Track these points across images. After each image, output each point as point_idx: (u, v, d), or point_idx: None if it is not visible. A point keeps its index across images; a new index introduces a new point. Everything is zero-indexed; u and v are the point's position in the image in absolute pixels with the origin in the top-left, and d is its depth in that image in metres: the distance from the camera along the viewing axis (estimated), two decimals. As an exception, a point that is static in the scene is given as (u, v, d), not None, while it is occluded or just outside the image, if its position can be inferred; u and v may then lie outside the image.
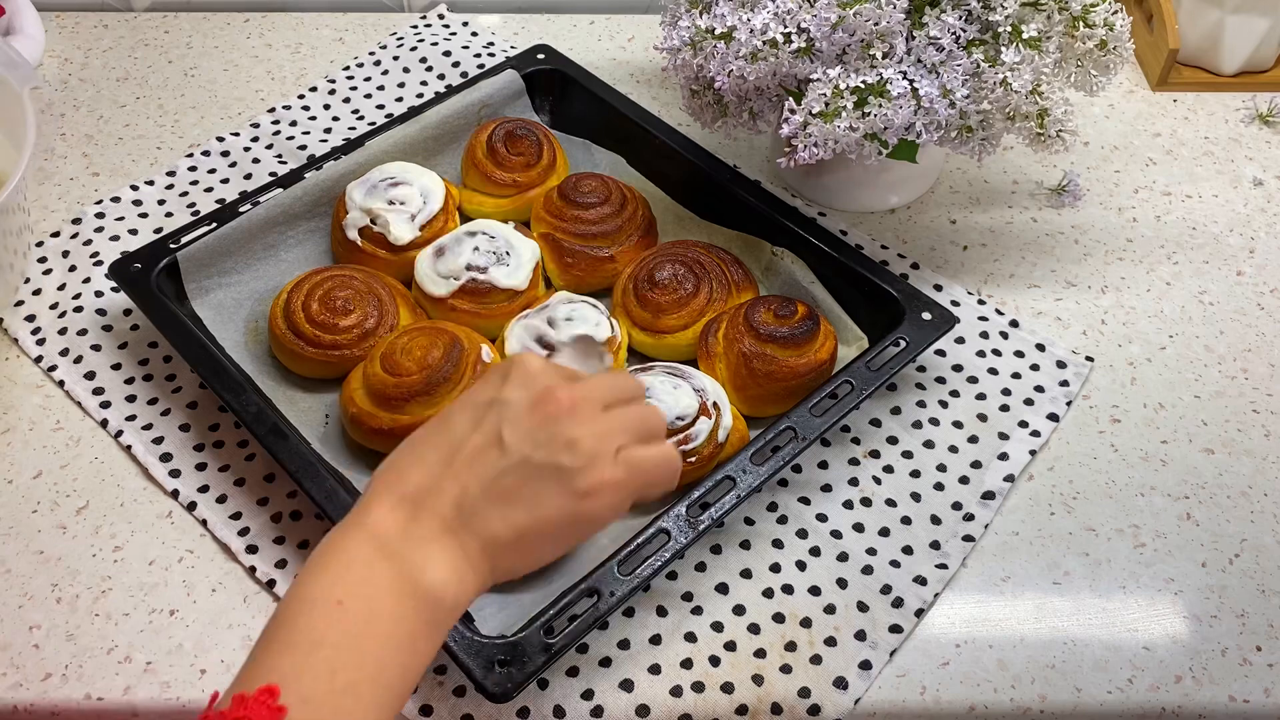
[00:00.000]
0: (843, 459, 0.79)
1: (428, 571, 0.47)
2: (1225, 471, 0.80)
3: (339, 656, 0.44)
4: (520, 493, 0.49)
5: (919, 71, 0.77)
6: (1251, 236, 0.97)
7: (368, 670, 0.44)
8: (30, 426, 0.81)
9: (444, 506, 0.48)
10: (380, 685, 0.45)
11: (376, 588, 0.46)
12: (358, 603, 0.45)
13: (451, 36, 1.14)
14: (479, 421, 0.50)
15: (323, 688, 0.43)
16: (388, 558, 0.46)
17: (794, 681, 0.68)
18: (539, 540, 0.50)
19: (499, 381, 0.52)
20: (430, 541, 0.47)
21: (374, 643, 0.45)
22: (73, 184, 0.98)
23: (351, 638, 0.44)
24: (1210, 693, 0.69)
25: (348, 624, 0.45)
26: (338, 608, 0.45)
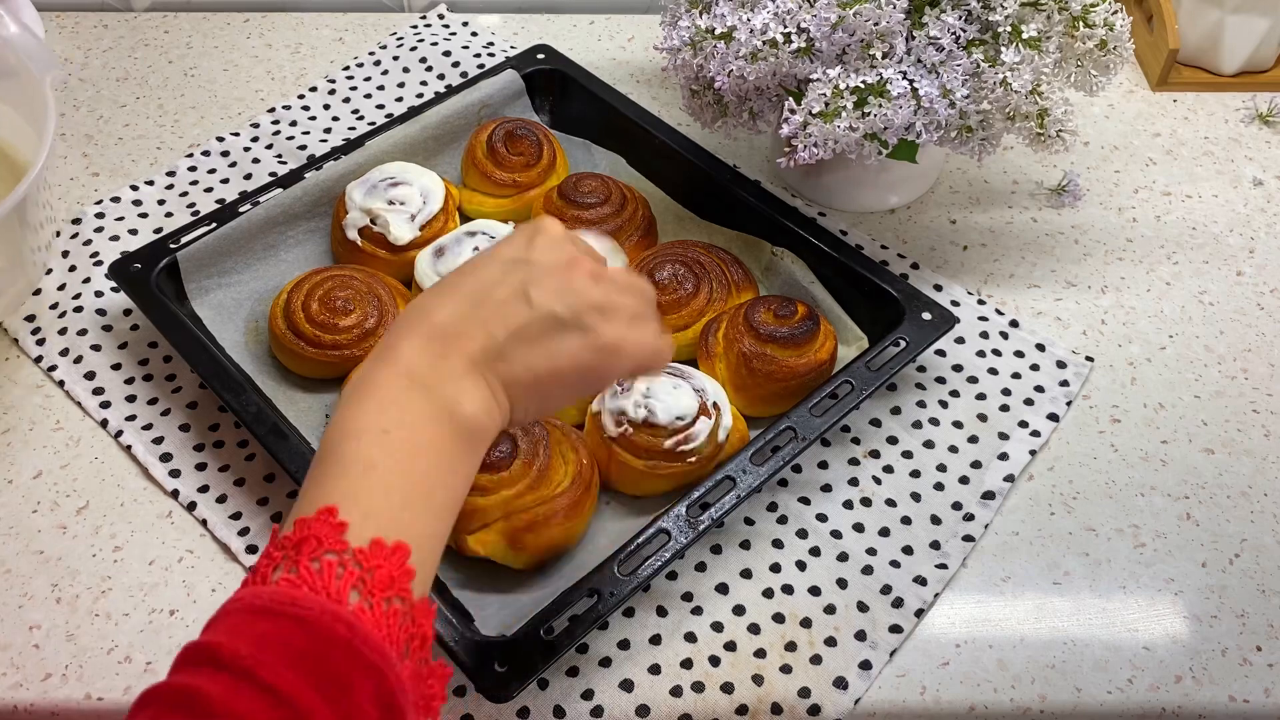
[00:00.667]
0: (843, 459, 0.79)
1: (461, 404, 0.49)
2: (1225, 471, 0.80)
3: (391, 478, 0.46)
4: (543, 342, 0.52)
5: (919, 71, 0.77)
6: (1251, 236, 0.97)
7: (419, 490, 0.47)
8: (30, 426, 0.81)
9: (472, 347, 0.50)
10: (432, 503, 0.47)
11: (417, 417, 0.48)
12: (402, 430, 0.47)
13: (451, 36, 1.14)
14: (507, 275, 0.53)
15: (380, 504, 0.45)
16: (423, 391, 0.49)
17: (794, 681, 0.68)
18: (555, 388, 0.53)
19: (525, 242, 0.54)
20: (461, 377, 0.50)
21: (422, 464, 0.47)
22: (73, 184, 0.98)
23: (401, 461, 0.47)
24: (1210, 693, 0.69)
25: (395, 449, 0.47)
26: (384, 436, 0.47)
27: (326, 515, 0.44)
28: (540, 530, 0.69)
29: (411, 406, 0.48)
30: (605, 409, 0.75)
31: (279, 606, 0.41)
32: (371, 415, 0.48)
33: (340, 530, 0.43)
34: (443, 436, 0.49)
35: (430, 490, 0.47)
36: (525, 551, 0.69)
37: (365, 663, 0.41)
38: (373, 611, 0.42)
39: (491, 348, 0.51)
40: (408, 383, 0.49)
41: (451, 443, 0.49)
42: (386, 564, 0.43)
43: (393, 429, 0.47)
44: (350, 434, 0.47)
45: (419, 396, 0.49)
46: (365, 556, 0.43)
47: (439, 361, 0.50)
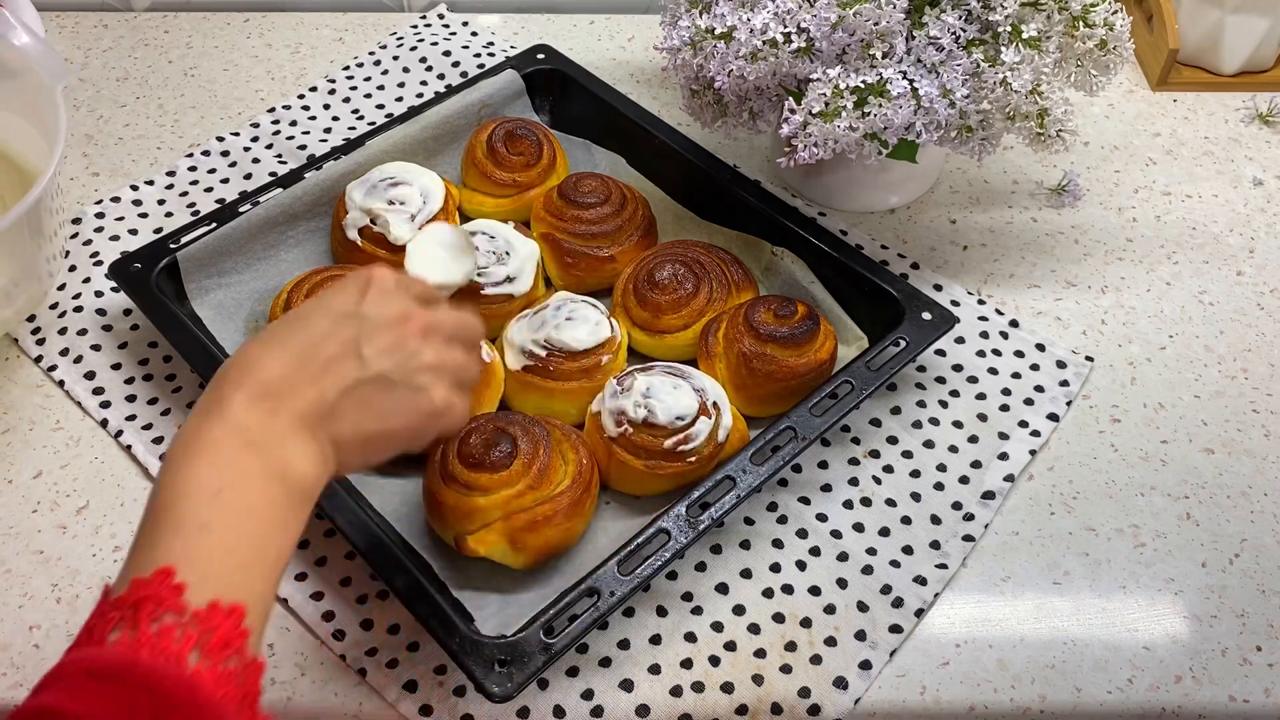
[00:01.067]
0: (843, 459, 0.79)
1: (292, 464, 0.50)
2: (1225, 471, 0.80)
3: (227, 540, 0.47)
4: (373, 404, 0.53)
5: (919, 71, 0.77)
6: (1251, 236, 0.97)
7: (253, 550, 0.48)
8: (30, 426, 0.81)
9: (301, 405, 0.51)
10: (265, 563, 0.48)
11: (249, 477, 0.49)
12: (235, 491, 0.48)
13: (451, 36, 1.14)
14: (337, 329, 0.53)
15: (216, 566, 0.46)
16: (254, 450, 0.49)
17: (794, 681, 0.68)
18: (381, 444, 0.55)
19: (357, 295, 0.55)
20: (291, 437, 0.50)
21: (255, 525, 0.48)
22: (73, 184, 0.98)
23: (235, 522, 0.47)
24: (1210, 693, 0.69)
25: (229, 510, 0.47)
26: (218, 496, 0.47)
27: (164, 577, 0.44)
28: (540, 530, 0.69)
29: (244, 467, 0.49)
30: (605, 409, 0.75)
31: (122, 671, 0.41)
32: (204, 474, 0.48)
33: (179, 592, 0.44)
34: (274, 496, 0.49)
35: (264, 550, 0.48)
36: (525, 551, 0.69)
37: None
38: (211, 672, 0.43)
39: (322, 407, 0.51)
40: (239, 442, 0.49)
41: (283, 501, 0.50)
42: (224, 625, 0.44)
43: (225, 489, 0.48)
44: (184, 493, 0.47)
45: (251, 456, 0.49)
46: (204, 618, 0.44)
47: (269, 419, 0.50)
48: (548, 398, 0.78)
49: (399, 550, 0.68)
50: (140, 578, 0.44)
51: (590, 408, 0.77)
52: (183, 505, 0.47)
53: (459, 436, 0.71)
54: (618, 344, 0.81)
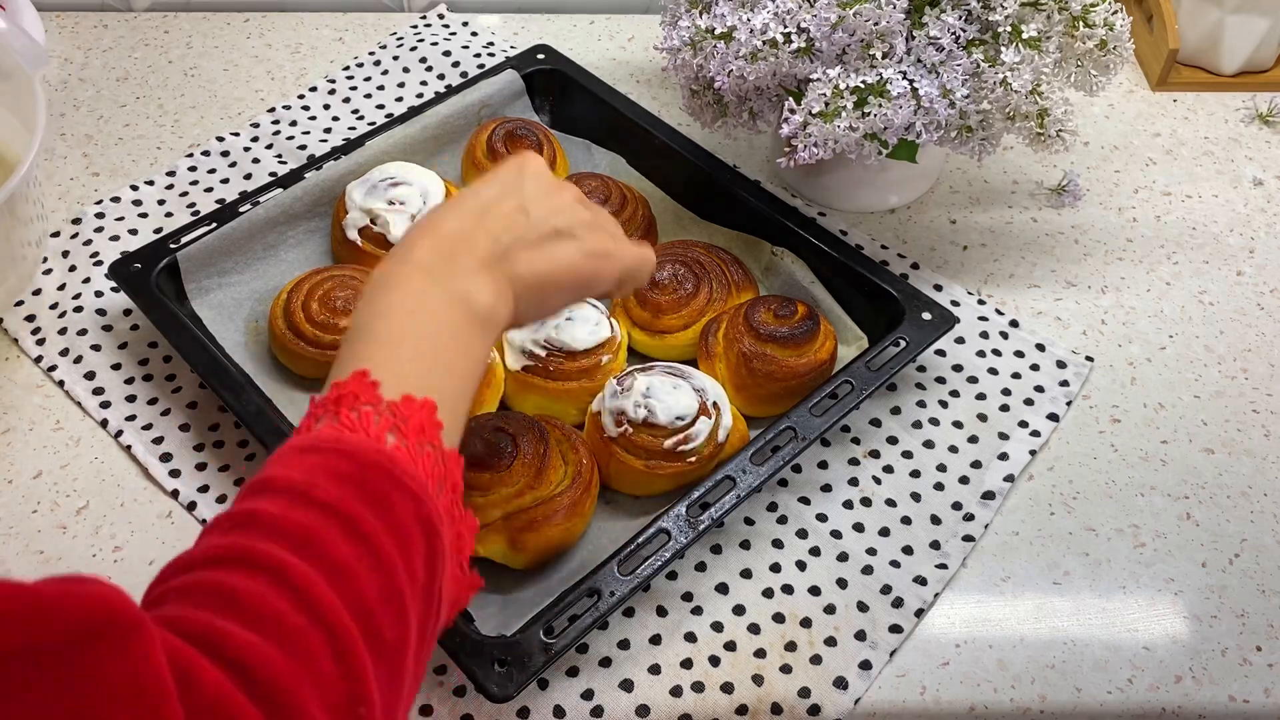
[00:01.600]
0: (843, 459, 0.79)
1: (473, 295, 0.53)
2: (1225, 471, 0.80)
3: (419, 349, 0.50)
4: (543, 247, 0.57)
5: (919, 71, 0.77)
6: (1251, 236, 0.97)
7: (442, 359, 0.51)
8: (30, 427, 0.81)
9: (480, 249, 0.55)
10: (454, 371, 0.52)
11: (435, 301, 0.52)
12: (425, 314, 0.52)
13: (451, 36, 1.14)
14: (505, 194, 0.58)
15: (408, 368, 0.49)
16: (439, 283, 0.53)
17: (794, 681, 0.68)
18: (553, 289, 0.58)
19: (517, 171, 0.60)
20: (471, 274, 0.54)
21: (445, 340, 0.52)
22: (73, 184, 0.98)
23: (425, 335, 0.51)
24: (1210, 693, 0.69)
25: (419, 326, 0.51)
26: (409, 315, 0.51)
27: (360, 377, 0.48)
28: (540, 530, 0.69)
29: (431, 294, 0.52)
30: (605, 409, 0.75)
31: (324, 444, 0.45)
32: (395, 299, 0.52)
33: (374, 387, 0.47)
34: (459, 319, 0.53)
35: (451, 360, 0.52)
36: (525, 551, 0.69)
37: (404, 488, 0.45)
38: (408, 451, 0.46)
39: (497, 250, 0.55)
40: (424, 277, 0.53)
41: (467, 326, 0.53)
42: (417, 415, 0.47)
43: (414, 310, 0.52)
44: (376, 314, 0.52)
45: (436, 287, 0.53)
46: (398, 408, 0.47)
47: (451, 260, 0.54)
48: (548, 398, 0.78)
49: (399, 550, 0.68)
50: (339, 380, 0.48)
51: (590, 408, 0.77)
52: (375, 325, 0.51)
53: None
54: (618, 344, 0.81)
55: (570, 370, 0.78)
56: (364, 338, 0.51)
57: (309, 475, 0.44)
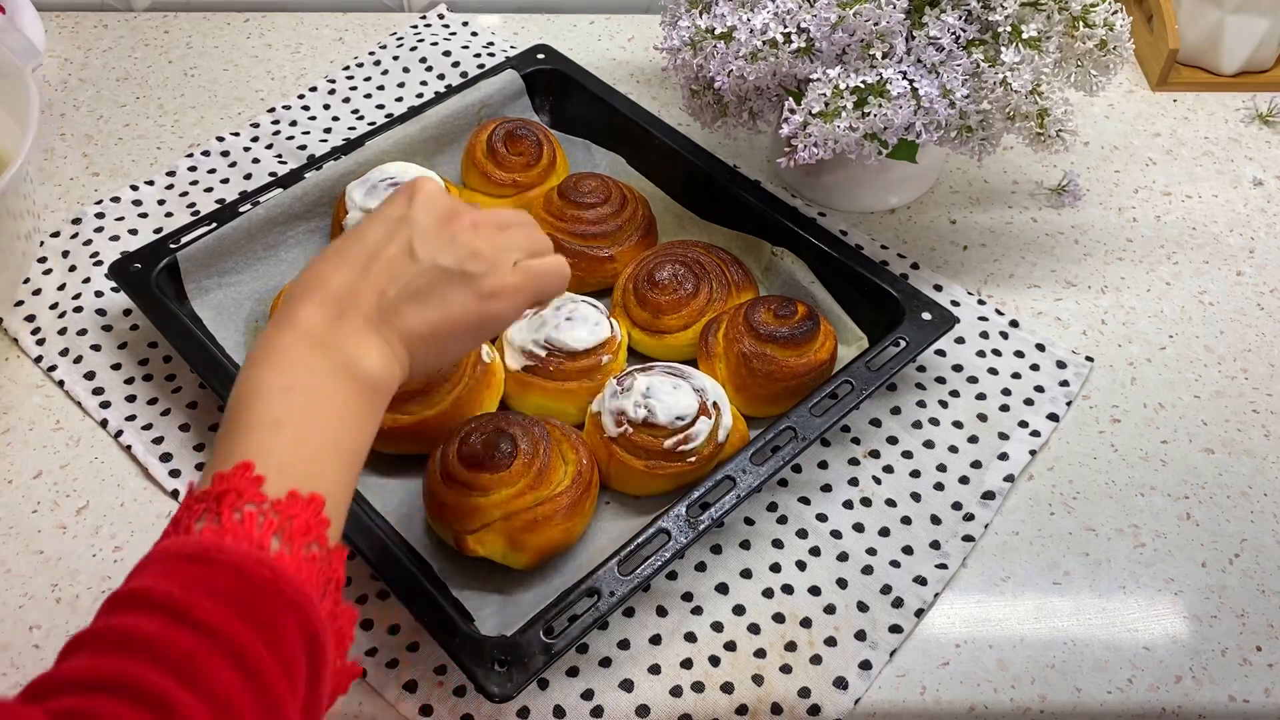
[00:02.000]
0: (843, 459, 0.79)
1: (361, 360, 0.52)
2: (1225, 471, 0.80)
3: (299, 433, 0.48)
4: (432, 294, 0.55)
5: (919, 71, 0.77)
6: (1251, 237, 0.97)
7: (327, 441, 0.49)
8: (30, 426, 0.81)
9: (366, 306, 0.53)
10: (340, 455, 0.50)
11: (318, 375, 0.50)
12: (306, 389, 0.50)
13: (451, 36, 1.14)
14: (391, 235, 0.55)
15: (291, 457, 0.47)
16: (323, 350, 0.51)
17: (794, 681, 0.68)
18: (449, 337, 0.56)
19: (405, 203, 0.57)
20: (358, 335, 0.52)
21: (327, 419, 0.50)
22: (73, 184, 0.98)
23: (306, 417, 0.49)
24: (1210, 693, 0.69)
25: (301, 406, 0.49)
26: (288, 393, 0.49)
27: (244, 470, 0.46)
28: (540, 530, 0.69)
29: (313, 365, 0.51)
30: (605, 409, 0.75)
31: (205, 553, 0.43)
32: (275, 375, 0.50)
33: (258, 484, 0.45)
34: (347, 393, 0.51)
35: (337, 442, 0.50)
36: (525, 551, 0.69)
37: (288, 602, 0.43)
38: (293, 557, 0.45)
39: (385, 304, 0.53)
40: (308, 344, 0.51)
41: (354, 397, 0.51)
42: (303, 513, 0.46)
43: (295, 387, 0.50)
44: (257, 393, 0.49)
45: (319, 355, 0.51)
46: (283, 507, 0.45)
47: (336, 323, 0.52)
48: (548, 398, 0.78)
49: (399, 550, 0.68)
50: (221, 472, 0.46)
51: (590, 408, 0.77)
52: (257, 405, 0.49)
53: (459, 437, 0.71)
54: (618, 344, 0.81)
55: (570, 370, 0.78)
56: (243, 419, 0.48)
57: (189, 591, 0.41)
